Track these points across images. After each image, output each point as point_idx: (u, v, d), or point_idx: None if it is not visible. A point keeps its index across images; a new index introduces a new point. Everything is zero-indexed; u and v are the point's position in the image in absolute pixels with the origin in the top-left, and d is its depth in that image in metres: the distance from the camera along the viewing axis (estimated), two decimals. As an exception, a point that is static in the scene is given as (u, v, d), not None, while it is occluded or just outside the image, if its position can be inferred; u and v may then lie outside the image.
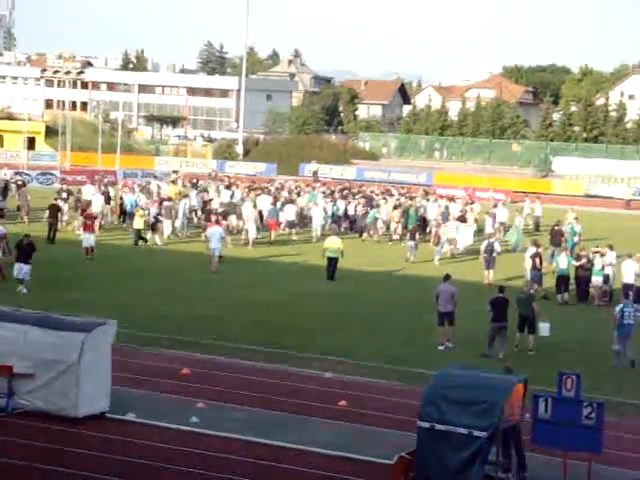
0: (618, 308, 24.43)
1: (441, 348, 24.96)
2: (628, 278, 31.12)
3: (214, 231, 36.02)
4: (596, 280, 31.93)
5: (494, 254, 34.57)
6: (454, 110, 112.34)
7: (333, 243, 34.73)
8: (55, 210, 40.33)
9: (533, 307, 24.84)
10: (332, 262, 34.28)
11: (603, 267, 31.89)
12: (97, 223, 39.34)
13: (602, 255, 32.49)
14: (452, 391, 15.42)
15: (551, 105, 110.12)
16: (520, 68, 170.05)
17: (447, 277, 25.97)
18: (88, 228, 36.43)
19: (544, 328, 24.99)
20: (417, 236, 40.04)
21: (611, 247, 33.19)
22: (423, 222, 45.00)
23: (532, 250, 33.05)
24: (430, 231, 43.60)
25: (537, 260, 32.50)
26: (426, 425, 15.26)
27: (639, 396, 21.23)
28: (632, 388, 21.91)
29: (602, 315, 28.63)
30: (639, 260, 31.62)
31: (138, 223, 40.01)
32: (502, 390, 15.33)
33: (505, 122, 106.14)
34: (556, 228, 39.41)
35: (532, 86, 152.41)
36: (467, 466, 14.92)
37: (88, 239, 36.03)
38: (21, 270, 29.25)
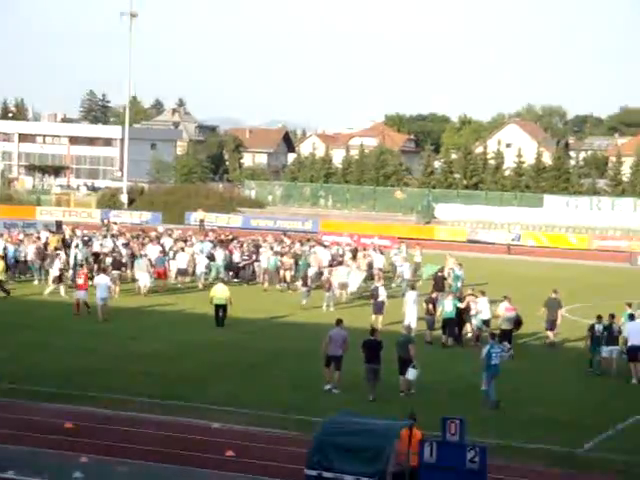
0: (485, 350, 25.07)
1: (327, 387, 25.24)
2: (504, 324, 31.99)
3: (100, 281, 35.72)
4: (473, 324, 32.87)
5: (380, 299, 34.98)
6: (338, 158, 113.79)
7: (220, 291, 34.83)
8: None
9: (409, 349, 25.20)
10: (220, 309, 34.40)
11: (476, 312, 32.78)
12: None
13: (475, 300, 33.38)
14: (340, 438, 15.48)
15: (432, 153, 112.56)
16: (402, 116, 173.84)
17: (339, 322, 26.26)
18: None
19: (412, 373, 25.15)
20: (309, 282, 40.43)
21: (483, 293, 34.00)
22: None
23: (420, 296, 33.82)
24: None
25: (430, 305, 33.22)
26: (313, 473, 15.28)
27: (511, 437, 21.63)
28: (496, 429, 22.29)
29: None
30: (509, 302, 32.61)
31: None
32: (389, 436, 15.47)
33: (388, 170, 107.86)
34: (439, 274, 40.18)
35: (414, 134, 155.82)
36: (356, 513, 14.97)
37: None
38: None
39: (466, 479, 14.73)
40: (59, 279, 40.46)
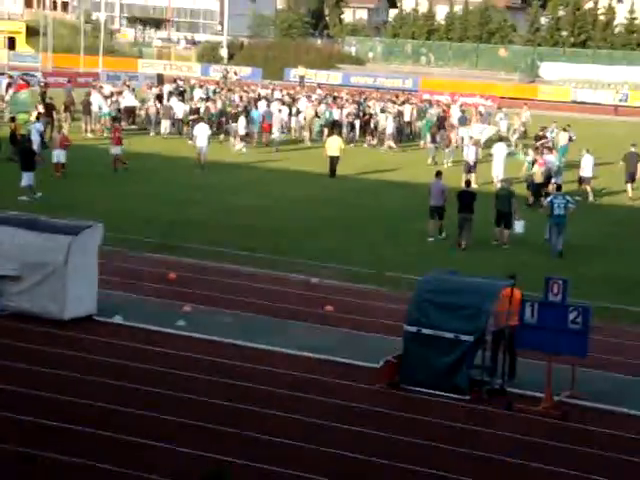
0: (548, 199, 25.81)
1: (430, 240, 26.03)
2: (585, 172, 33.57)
3: (201, 128, 36.50)
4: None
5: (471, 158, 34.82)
6: (441, 14, 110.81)
7: (334, 142, 36.26)
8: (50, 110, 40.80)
9: (512, 203, 25.72)
10: (333, 160, 35.70)
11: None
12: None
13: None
14: (439, 296, 15.50)
15: (539, 9, 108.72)
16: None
17: (438, 173, 26.98)
18: (116, 141, 35.24)
19: (519, 225, 25.97)
20: (437, 139, 41.38)
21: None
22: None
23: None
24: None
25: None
26: (413, 329, 15.38)
27: (615, 300, 21.36)
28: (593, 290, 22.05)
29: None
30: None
31: None
32: (489, 294, 15.42)
33: (492, 26, 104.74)
34: (540, 134, 39.70)
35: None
36: (453, 370, 15.10)
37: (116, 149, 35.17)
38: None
39: (568, 340, 14.63)
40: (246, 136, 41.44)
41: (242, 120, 41.84)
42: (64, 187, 31.09)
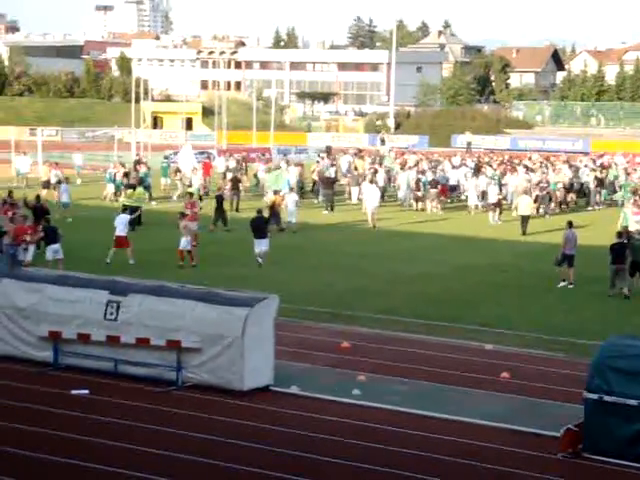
0: None
1: (562, 284, 28.00)
2: None
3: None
4: None
5: None
6: (611, 74, 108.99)
7: (524, 199, 38.44)
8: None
9: None
10: (524, 219, 37.67)
11: None
12: None
13: None
14: (620, 361, 15.05)
15: None
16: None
17: (570, 224, 28.98)
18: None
19: None
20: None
21: None
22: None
23: None
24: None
25: None
26: (594, 397, 14.96)
27: None
28: None
29: None
30: None
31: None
32: (673, 360, 14.86)
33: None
34: None
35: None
36: (638, 438, 14.56)
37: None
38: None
39: None
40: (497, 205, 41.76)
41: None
42: (234, 258, 31.84)
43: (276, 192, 38.90)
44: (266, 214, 33.54)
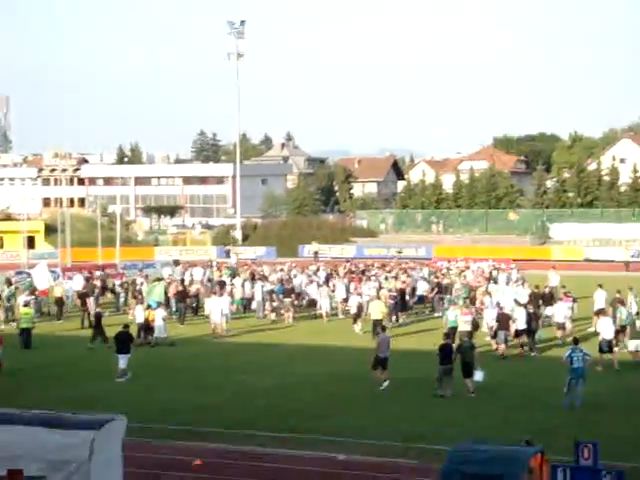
0: (567, 354, 26.43)
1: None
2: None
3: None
4: None
5: None
6: (448, 183, 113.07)
7: (377, 305, 38.37)
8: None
9: (473, 354, 28.23)
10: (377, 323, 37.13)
11: None
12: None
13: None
14: (469, 466, 15.25)
15: (544, 173, 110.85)
16: (510, 138, 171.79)
17: (384, 328, 31.99)
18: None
19: (479, 375, 27.68)
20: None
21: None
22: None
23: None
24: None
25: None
26: (444, 502, 15.05)
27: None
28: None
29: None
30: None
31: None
32: (519, 462, 15.17)
33: (500, 192, 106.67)
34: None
35: (523, 155, 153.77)
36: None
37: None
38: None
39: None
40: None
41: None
42: (91, 376, 31.05)
43: (148, 307, 39.32)
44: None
